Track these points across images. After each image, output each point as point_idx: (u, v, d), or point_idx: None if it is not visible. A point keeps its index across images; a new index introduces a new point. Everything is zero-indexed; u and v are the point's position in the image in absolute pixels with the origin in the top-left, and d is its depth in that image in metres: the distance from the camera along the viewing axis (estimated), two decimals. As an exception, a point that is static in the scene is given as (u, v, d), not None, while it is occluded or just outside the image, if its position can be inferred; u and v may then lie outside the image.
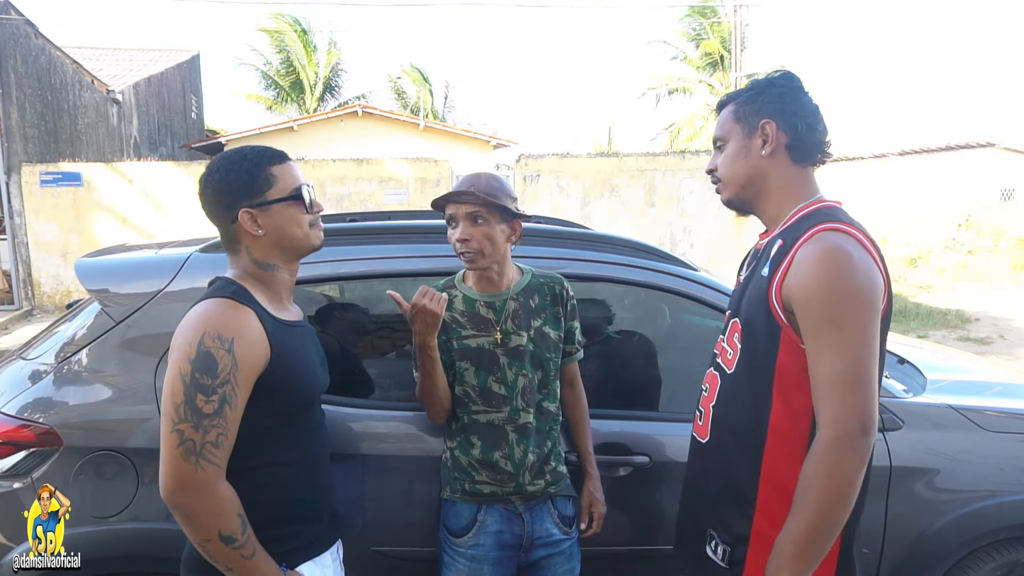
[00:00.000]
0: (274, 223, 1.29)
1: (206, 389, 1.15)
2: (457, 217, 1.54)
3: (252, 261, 1.31)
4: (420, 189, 10.67)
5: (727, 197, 1.41)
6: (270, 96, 21.21)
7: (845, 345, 1.14)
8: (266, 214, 1.28)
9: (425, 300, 1.46)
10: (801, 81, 1.35)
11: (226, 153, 1.32)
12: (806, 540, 1.15)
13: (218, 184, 1.28)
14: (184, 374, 1.15)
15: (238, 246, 1.31)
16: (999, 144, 14.24)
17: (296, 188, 1.31)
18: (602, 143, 25.45)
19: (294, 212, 1.31)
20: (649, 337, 2.30)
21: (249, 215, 1.27)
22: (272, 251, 1.31)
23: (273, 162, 1.30)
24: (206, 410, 1.15)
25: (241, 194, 1.27)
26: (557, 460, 1.67)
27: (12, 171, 10.32)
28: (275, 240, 1.30)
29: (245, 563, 1.19)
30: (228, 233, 1.31)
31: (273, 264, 1.33)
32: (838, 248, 1.18)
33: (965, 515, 1.85)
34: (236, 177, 1.28)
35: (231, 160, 1.29)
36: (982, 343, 7.65)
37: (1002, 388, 2.31)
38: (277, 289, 1.35)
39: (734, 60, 15.49)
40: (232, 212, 1.28)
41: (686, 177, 10.62)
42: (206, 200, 1.31)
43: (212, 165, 1.31)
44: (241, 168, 1.28)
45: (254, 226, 1.28)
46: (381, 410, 1.91)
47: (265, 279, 1.33)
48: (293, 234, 1.31)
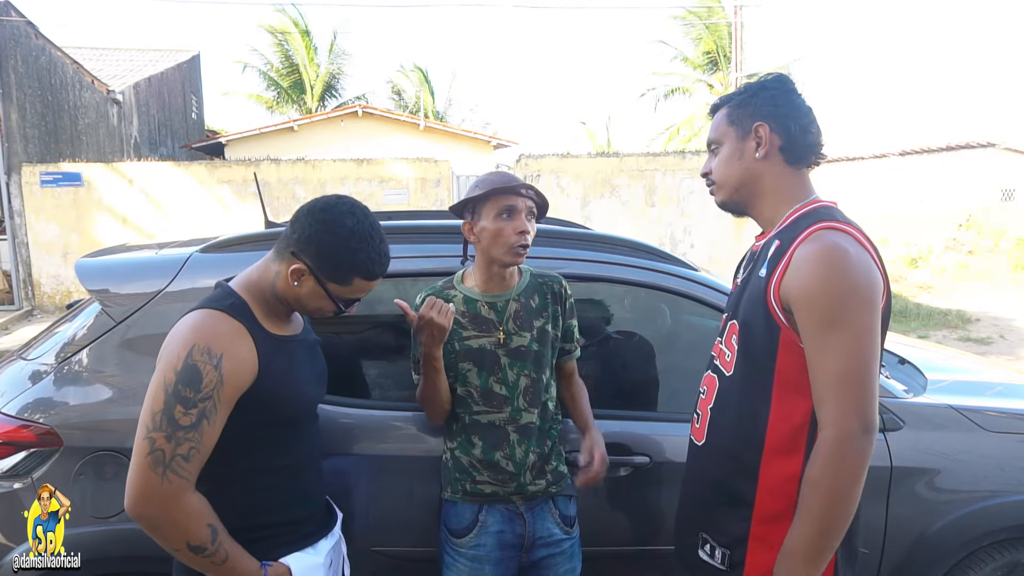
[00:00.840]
0: (308, 292, 1.30)
1: (187, 402, 1.15)
2: (518, 209, 1.54)
3: (271, 286, 1.32)
4: (420, 189, 10.67)
5: (721, 199, 1.41)
6: (270, 96, 21.22)
7: (845, 343, 1.14)
8: (310, 284, 1.29)
9: (433, 313, 1.46)
10: (794, 83, 1.35)
11: (362, 220, 1.29)
12: (815, 539, 1.15)
13: (318, 242, 1.26)
14: (168, 384, 1.15)
15: (274, 268, 1.32)
16: (999, 144, 14.24)
17: (352, 301, 1.34)
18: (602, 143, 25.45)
19: (329, 303, 1.32)
20: (649, 337, 2.30)
21: (305, 276, 1.28)
22: (289, 298, 1.32)
23: (365, 277, 1.30)
24: (183, 422, 1.15)
25: (318, 261, 1.27)
26: (558, 460, 1.67)
27: (12, 171, 10.32)
28: (298, 298, 1.32)
29: (219, 568, 1.20)
30: (278, 255, 1.32)
31: (284, 302, 1.34)
32: (836, 246, 1.18)
33: (966, 515, 1.85)
34: (332, 251, 1.26)
35: (350, 233, 1.26)
36: (982, 343, 7.65)
37: (1002, 388, 2.30)
38: (277, 313, 1.35)
39: (734, 60, 15.48)
40: (299, 259, 1.28)
41: (686, 177, 10.62)
42: (295, 230, 1.29)
43: (335, 209, 1.28)
44: (345, 249, 1.26)
45: (295, 280, 1.29)
46: (381, 410, 1.90)
47: (270, 303, 1.33)
48: (315, 306, 1.33)
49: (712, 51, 19.76)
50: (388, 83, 23.13)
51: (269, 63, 20.85)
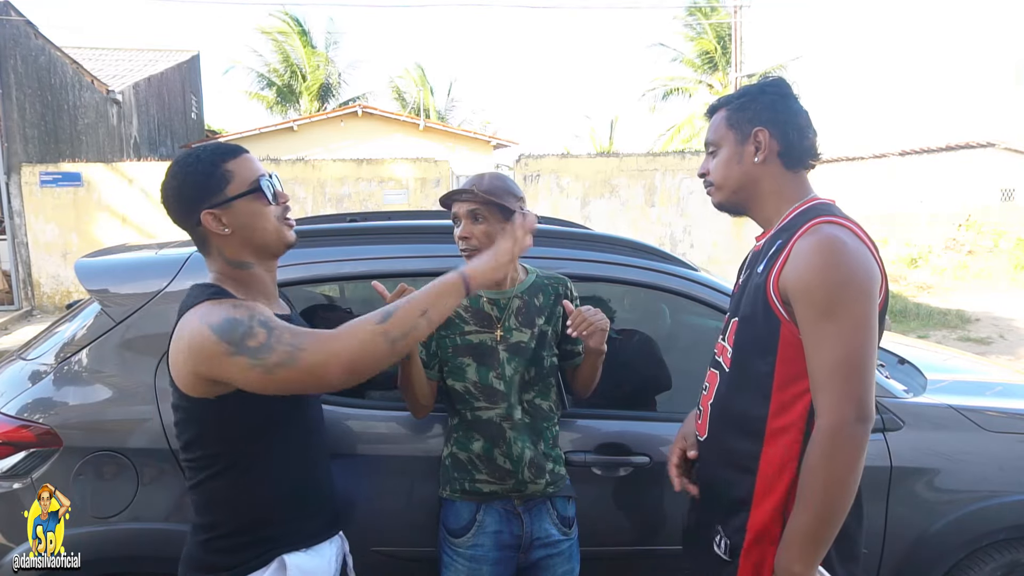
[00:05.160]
0: (239, 220, 1.25)
1: (246, 335, 1.12)
2: (459, 215, 1.59)
3: (225, 262, 1.28)
4: (420, 189, 10.67)
5: (719, 201, 1.43)
6: (270, 96, 21.23)
7: (841, 333, 1.16)
8: (229, 212, 1.24)
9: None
10: (791, 87, 1.37)
11: (179, 156, 1.29)
12: (814, 529, 1.17)
13: (176, 189, 1.25)
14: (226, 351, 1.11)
15: (209, 248, 1.29)
16: (999, 144, 14.26)
17: (255, 181, 1.26)
18: (602, 143, 25.47)
19: (257, 206, 1.26)
20: (649, 337, 2.30)
21: (212, 215, 1.24)
22: (243, 249, 1.28)
23: (227, 158, 1.26)
24: (265, 341, 1.11)
25: (200, 196, 1.24)
26: (557, 461, 1.67)
27: (12, 171, 10.32)
28: (244, 237, 1.27)
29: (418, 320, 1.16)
30: (197, 237, 1.29)
31: (246, 262, 1.29)
32: (834, 238, 1.20)
33: (965, 515, 1.85)
34: (192, 179, 1.24)
35: (185, 162, 1.25)
36: (982, 343, 7.65)
37: (1002, 388, 2.30)
38: (257, 288, 1.31)
39: (734, 60, 15.48)
40: (195, 215, 1.24)
41: (686, 177, 10.62)
42: (169, 207, 1.27)
43: (169, 169, 1.27)
44: (195, 169, 1.24)
45: (219, 226, 1.24)
46: (381, 410, 1.90)
47: (242, 278, 1.29)
48: (261, 227, 1.27)
49: (711, 51, 19.76)
50: (389, 83, 23.15)
51: (268, 63, 20.86)
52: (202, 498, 1.27)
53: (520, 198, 1.61)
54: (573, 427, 1.86)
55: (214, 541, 1.26)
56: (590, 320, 1.51)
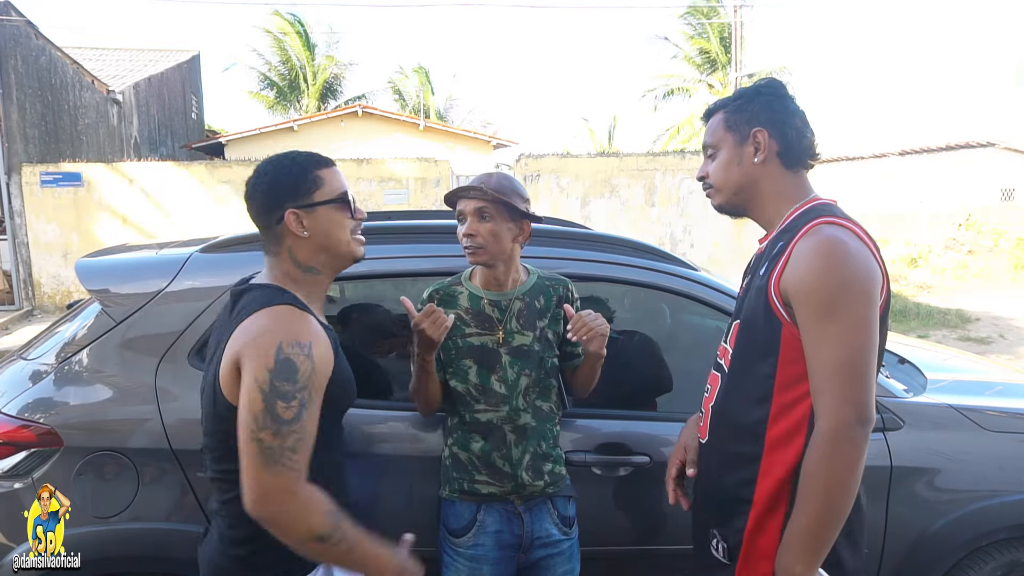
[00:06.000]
0: (319, 225, 1.30)
1: (286, 396, 1.14)
2: (465, 213, 1.57)
3: (294, 263, 1.31)
4: (420, 189, 10.67)
5: (719, 203, 1.43)
6: (270, 96, 21.22)
7: (842, 334, 1.16)
8: (312, 216, 1.29)
9: (426, 323, 1.47)
10: (787, 88, 1.38)
11: (274, 156, 1.34)
12: (814, 530, 1.16)
13: (268, 184, 1.29)
14: (262, 384, 1.14)
15: (280, 248, 1.31)
16: (999, 144, 14.26)
17: (343, 192, 1.33)
18: (602, 143, 25.46)
19: (339, 216, 1.32)
20: (649, 337, 2.30)
21: (295, 216, 1.28)
22: (316, 254, 1.32)
23: (320, 166, 1.33)
24: (286, 416, 1.14)
25: (289, 194, 1.28)
26: (557, 461, 1.67)
27: (12, 171, 10.32)
28: (319, 243, 1.31)
29: (349, 557, 1.19)
30: (272, 234, 1.31)
31: (315, 268, 1.33)
32: (834, 239, 1.20)
33: (966, 515, 1.85)
34: (285, 178, 1.29)
35: (280, 162, 1.31)
36: (982, 343, 7.65)
37: (1002, 388, 2.31)
38: (316, 295, 1.34)
39: (734, 59, 15.48)
40: (278, 212, 1.28)
41: (686, 177, 10.61)
42: (254, 200, 1.31)
43: (260, 167, 1.32)
44: (290, 170, 1.30)
45: (299, 227, 1.28)
46: (381, 410, 1.90)
47: (305, 283, 1.32)
48: (337, 237, 1.32)
49: (711, 51, 19.76)
50: (389, 83, 23.14)
51: (268, 63, 20.86)
52: (239, 510, 1.22)
53: (527, 200, 1.61)
54: (573, 427, 1.86)
55: (260, 555, 1.24)
56: (590, 325, 1.51)
